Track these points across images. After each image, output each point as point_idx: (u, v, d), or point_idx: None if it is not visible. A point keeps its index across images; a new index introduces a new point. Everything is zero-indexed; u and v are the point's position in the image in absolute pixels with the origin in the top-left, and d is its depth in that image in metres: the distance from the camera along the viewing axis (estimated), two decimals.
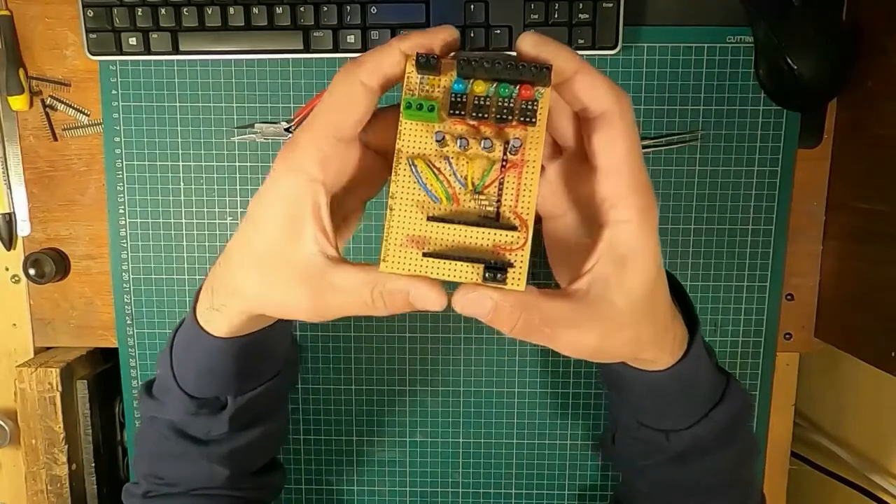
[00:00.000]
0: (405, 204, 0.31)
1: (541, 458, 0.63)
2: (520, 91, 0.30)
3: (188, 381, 0.41)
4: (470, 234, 0.31)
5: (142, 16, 0.55)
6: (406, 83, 0.31)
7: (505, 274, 0.31)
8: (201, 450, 0.43)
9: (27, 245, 0.63)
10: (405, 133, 0.31)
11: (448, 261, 0.31)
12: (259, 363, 0.42)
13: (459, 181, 0.31)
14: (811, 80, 0.53)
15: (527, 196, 0.31)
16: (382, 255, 0.31)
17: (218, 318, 0.37)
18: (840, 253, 0.59)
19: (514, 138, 0.30)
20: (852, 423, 0.67)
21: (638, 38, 0.57)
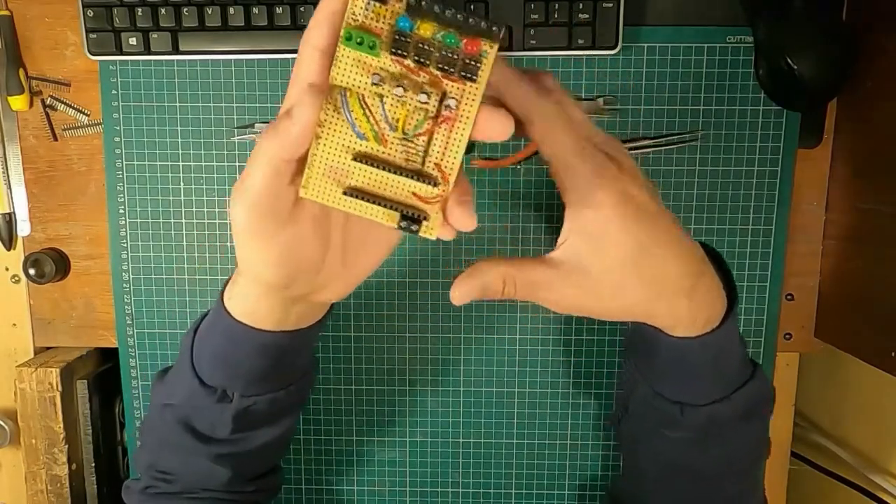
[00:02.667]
0: (332, 135, 0.31)
1: (541, 457, 0.63)
2: (466, 44, 0.29)
3: (202, 364, 0.42)
4: (392, 181, 0.32)
5: (142, 16, 0.55)
6: (350, 6, 0.29)
7: (419, 225, 0.32)
8: (203, 448, 0.43)
9: (27, 245, 0.63)
10: (341, 61, 0.30)
11: (366, 202, 0.32)
12: (272, 370, 0.42)
13: (389, 124, 0.31)
14: (811, 80, 0.53)
15: (453, 152, 0.31)
16: (304, 181, 0.32)
17: (236, 292, 0.39)
18: (840, 253, 0.59)
19: (451, 95, 0.30)
20: (852, 423, 0.67)
21: (638, 38, 0.57)
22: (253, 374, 0.41)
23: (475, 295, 0.37)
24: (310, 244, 0.35)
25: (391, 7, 0.29)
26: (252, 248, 0.34)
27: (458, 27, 0.29)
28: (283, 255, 0.34)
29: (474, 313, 0.61)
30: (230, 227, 0.35)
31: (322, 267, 0.36)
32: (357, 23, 0.29)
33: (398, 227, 0.32)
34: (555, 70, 0.58)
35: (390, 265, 0.61)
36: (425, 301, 0.61)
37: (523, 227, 0.60)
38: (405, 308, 0.62)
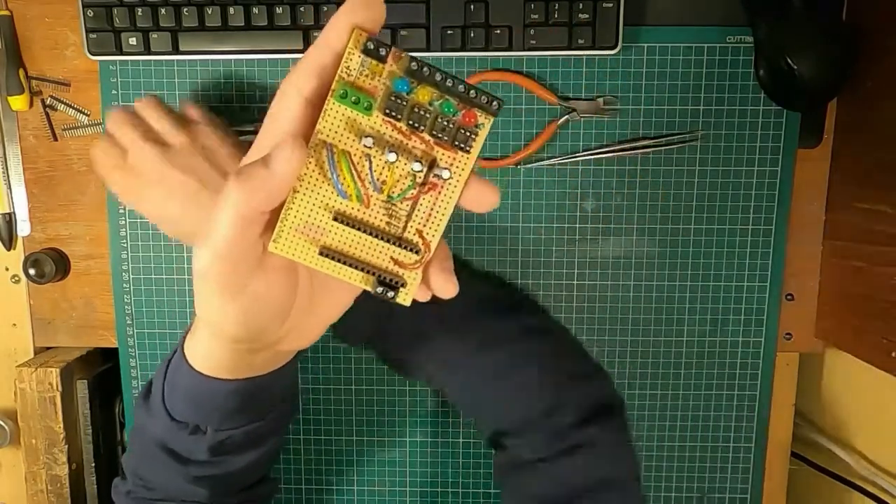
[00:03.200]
0: (312, 190, 0.29)
1: None
2: (464, 114, 0.28)
3: (174, 402, 0.40)
4: (370, 244, 0.30)
5: (142, 16, 0.55)
6: (344, 61, 0.28)
7: (396, 291, 0.31)
8: (181, 468, 0.42)
9: (27, 245, 0.63)
10: (330, 116, 0.28)
11: (341, 263, 0.30)
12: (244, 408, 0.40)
13: (375, 186, 0.29)
14: (811, 80, 0.53)
15: (438, 219, 0.30)
16: (275, 235, 0.30)
17: (196, 345, 0.37)
18: (840, 253, 0.59)
19: (442, 164, 0.29)
20: (852, 423, 0.66)
21: (638, 38, 0.57)
22: (225, 413, 0.40)
23: None
24: (277, 295, 0.32)
25: (389, 66, 0.28)
26: (215, 302, 0.32)
27: (458, 97, 0.28)
28: (249, 309, 0.32)
29: None
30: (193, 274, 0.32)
31: (288, 316, 0.34)
32: (351, 78, 0.28)
33: (374, 292, 0.31)
34: (555, 70, 0.58)
35: None
36: None
37: (523, 226, 0.60)
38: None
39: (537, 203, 0.60)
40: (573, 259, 0.60)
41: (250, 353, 0.36)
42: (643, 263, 0.60)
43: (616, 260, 0.60)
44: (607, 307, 0.61)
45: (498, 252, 0.60)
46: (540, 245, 0.60)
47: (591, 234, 0.60)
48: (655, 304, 0.61)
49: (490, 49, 0.55)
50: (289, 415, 0.46)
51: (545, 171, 0.59)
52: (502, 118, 0.58)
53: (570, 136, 0.59)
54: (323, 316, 0.36)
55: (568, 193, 0.60)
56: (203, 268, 0.30)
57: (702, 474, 0.63)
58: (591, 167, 0.59)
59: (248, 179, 0.28)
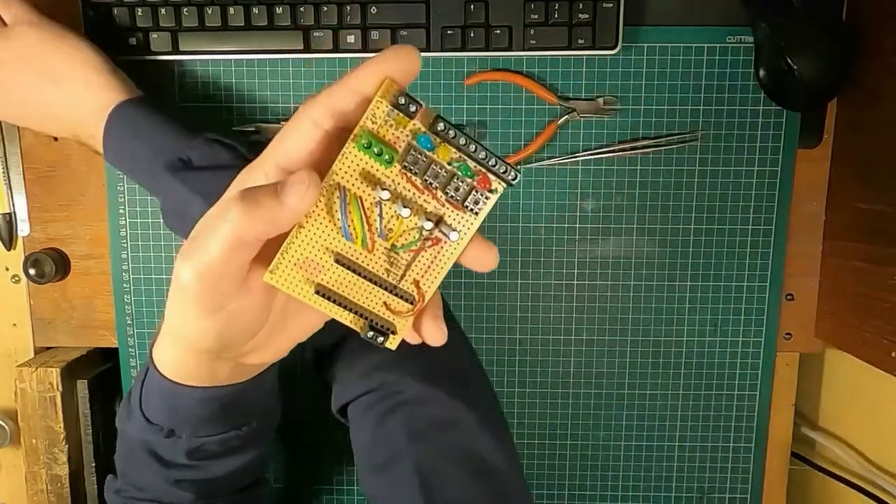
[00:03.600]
0: (317, 228, 0.29)
1: (541, 458, 0.63)
2: (480, 178, 0.29)
3: (149, 406, 0.40)
4: (366, 288, 0.31)
5: (142, 16, 0.55)
6: (372, 109, 0.28)
7: (386, 337, 0.32)
8: (163, 471, 0.41)
9: (27, 245, 0.63)
10: (348, 159, 0.29)
11: (334, 303, 0.31)
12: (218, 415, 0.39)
13: (381, 234, 0.30)
14: (811, 80, 0.53)
15: (436, 273, 0.31)
16: (272, 266, 0.30)
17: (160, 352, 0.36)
18: (840, 253, 0.59)
19: (449, 223, 0.30)
20: (852, 423, 0.66)
21: (638, 38, 0.57)
22: (198, 421, 0.39)
23: None
24: (253, 314, 0.32)
25: (415, 122, 0.28)
26: (190, 316, 0.31)
27: (477, 162, 0.29)
28: (223, 327, 0.31)
29: (474, 313, 0.61)
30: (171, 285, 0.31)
31: (257, 334, 0.34)
32: (375, 127, 0.28)
33: (364, 335, 0.31)
34: (555, 70, 0.58)
35: None
36: None
37: (523, 226, 0.60)
38: None
39: (537, 203, 0.60)
40: (573, 259, 0.60)
41: (211, 362, 0.35)
42: (643, 263, 0.60)
43: (616, 260, 0.60)
44: (607, 307, 0.61)
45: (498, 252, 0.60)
46: (540, 245, 0.60)
47: (591, 234, 0.60)
48: (655, 304, 0.61)
49: (490, 49, 0.55)
50: (267, 430, 0.45)
51: (545, 171, 0.59)
52: (502, 118, 0.58)
53: (570, 136, 0.59)
54: (292, 335, 0.35)
55: (568, 193, 0.60)
56: (185, 283, 0.29)
57: (702, 474, 0.63)
58: (591, 167, 0.59)
59: (254, 205, 0.27)
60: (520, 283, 0.61)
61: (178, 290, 0.30)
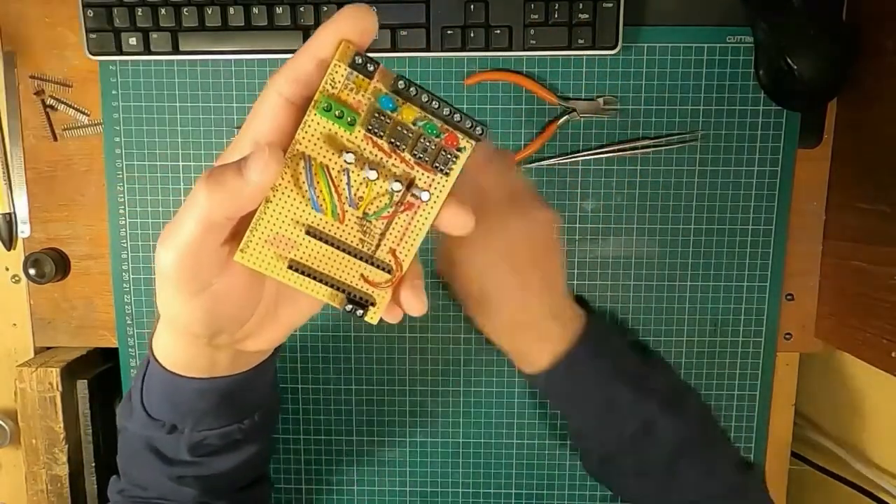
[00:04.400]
0: (285, 202, 0.28)
1: (541, 458, 0.63)
2: (447, 137, 0.28)
3: (151, 400, 0.40)
4: (341, 260, 0.30)
5: (142, 16, 0.55)
6: (329, 73, 0.27)
7: (365, 310, 0.31)
8: (166, 468, 0.41)
9: (27, 245, 0.63)
10: (311, 127, 0.28)
11: (310, 278, 0.30)
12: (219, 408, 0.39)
13: (351, 201, 0.29)
14: (811, 80, 0.53)
15: (411, 239, 0.30)
16: (242, 244, 0.29)
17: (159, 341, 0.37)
18: (840, 253, 0.59)
19: (420, 185, 0.29)
20: (852, 423, 0.66)
21: (638, 38, 0.57)
22: (199, 413, 0.39)
23: None
24: (240, 297, 0.32)
25: (375, 83, 0.28)
26: (175, 299, 0.30)
27: (442, 119, 0.28)
28: (210, 309, 0.31)
29: None
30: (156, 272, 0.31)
31: (251, 317, 0.33)
32: (335, 91, 0.27)
33: (343, 310, 0.30)
34: (555, 70, 0.58)
35: None
36: None
37: None
38: None
39: None
40: (573, 259, 0.60)
41: (211, 350, 0.35)
42: (643, 263, 0.60)
43: (616, 260, 0.60)
44: (607, 307, 0.61)
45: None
46: None
47: (591, 234, 0.60)
48: (655, 304, 0.61)
49: (490, 49, 0.55)
50: (267, 427, 0.45)
51: (545, 171, 0.59)
52: (502, 118, 0.58)
53: (570, 136, 0.59)
54: (286, 322, 0.35)
55: (568, 193, 0.60)
56: (164, 267, 0.29)
57: None
58: (591, 167, 0.59)
59: (218, 185, 0.27)
60: None
61: (160, 276, 0.30)
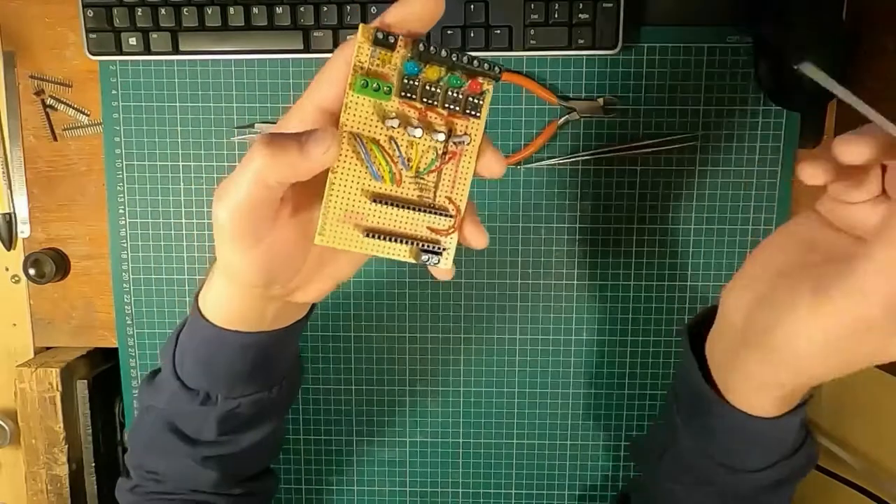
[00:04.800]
0: (347, 179, 0.32)
1: (541, 458, 0.63)
2: (470, 84, 0.31)
3: (185, 368, 0.41)
4: (408, 218, 0.33)
5: (142, 16, 0.55)
6: (356, 54, 0.30)
7: (439, 256, 0.33)
8: (190, 449, 0.42)
9: (27, 245, 0.63)
10: (351, 107, 0.31)
11: (386, 241, 0.33)
12: (255, 370, 0.41)
13: (404, 164, 0.32)
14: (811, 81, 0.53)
15: (461, 184, 0.33)
16: (319, 228, 0.32)
17: (211, 295, 0.38)
18: None
19: (458, 132, 0.32)
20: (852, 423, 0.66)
21: (638, 38, 0.57)
22: (235, 376, 0.40)
23: None
24: (292, 246, 0.34)
25: (398, 53, 0.30)
26: (233, 250, 0.33)
27: (462, 69, 0.31)
28: (265, 258, 0.33)
29: (474, 313, 0.62)
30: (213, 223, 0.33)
31: (302, 268, 0.35)
32: (364, 69, 0.30)
33: (419, 262, 0.33)
34: (555, 70, 0.58)
35: (390, 265, 0.61)
36: (425, 301, 0.61)
37: (523, 226, 0.60)
38: (405, 308, 0.62)
39: (537, 203, 0.60)
40: (573, 259, 0.60)
41: (263, 301, 0.37)
42: (643, 263, 0.60)
43: (616, 260, 0.60)
44: (607, 307, 0.61)
45: (498, 252, 0.60)
46: (540, 245, 0.60)
47: (591, 234, 0.60)
48: (656, 304, 0.61)
49: (490, 49, 0.55)
50: (288, 400, 0.47)
51: (545, 171, 0.59)
52: (502, 118, 0.58)
53: (570, 136, 0.59)
54: (334, 273, 0.37)
55: (568, 193, 0.60)
56: (220, 222, 0.31)
57: None
58: (591, 167, 0.59)
59: (278, 152, 0.29)
60: (519, 283, 0.61)
61: (217, 229, 0.32)
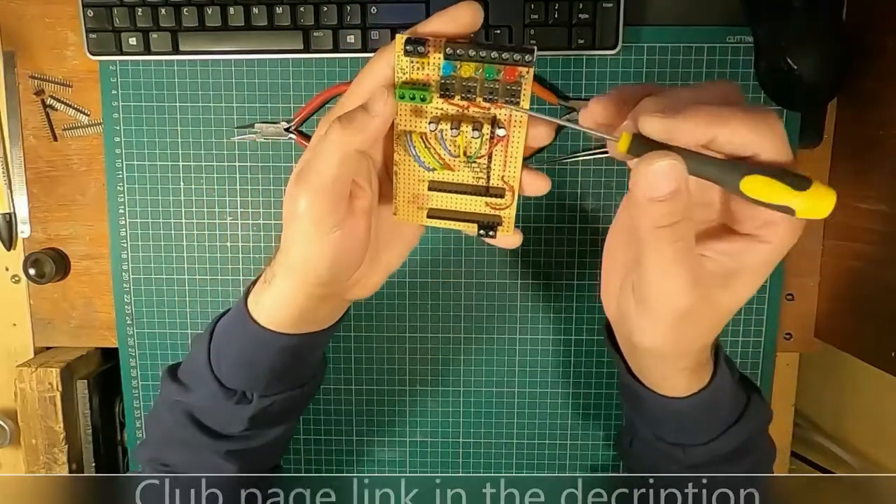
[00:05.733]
0: (407, 170, 0.36)
1: (541, 458, 0.63)
2: (504, 73, 0.33)
3: (222, 368, 0.42)
4: (465, 199, 0.37)
5: (142, 16, 0.55)
6: (396, 64, 0.33)
7: (495, 230, 0.37)
8: (213, 444, 0.43)
9: (27, 245, 0.63)
10: (400, 112, 0.34)
11: (448, 220, 0.37)
12: (291, 369, 0.43)
13: (450, 153, 0.35)
14: (811, 80, 0.53)
15: (513, 165, 0.35)
16: (395, 208, 0.38)
17: (266, 295, 0.39)
18: (840, 253, 0.59)
19: (504, 120, 0.34)
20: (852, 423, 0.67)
21: (638, 38, 0.57)
22: (273, 375, 0.42)
23: None
24: (359, 239, 0.37)
25: (431, 58, 0.33)
26: (311, 238, 0.35)
27: (494, 61, 0.32)
28: (335, 252, 0.35)
29: (474, 313, 0.61)
30: (285, 220, 0.35)
31: (362, 262, 0.38)
32: (406, 76, 0.33)
33: (478, 235, 0.37)
34: (555, 70, 0.58)
35: None
36: (425, 301, 0.61)
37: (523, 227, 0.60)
38: (405, 308, 0.62)
39: (537, 203, 0.60)
40: (573, 259, 0.60)
41: (321, 302, 0.39)
42: None
43: None
44: None
45: (498, 252, 0.60)
46: (540, 245, 0.60)
47: (591, 234, 0.60)
48: None
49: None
50: (315, 390, 0.49)
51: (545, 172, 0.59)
52: None
53: (570, 136, 0.59)
54: (385, 265, 0.40)
55: (568, 193, 0.60)
56: (303, 206, 0.33)
57: None
58: (591, 167, 0.59)
59: (349, 121, 0.32)
60: (519, 283, 0.61)
61: (295, 219, 0.34)
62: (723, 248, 0.33)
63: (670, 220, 0.30)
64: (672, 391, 0.40)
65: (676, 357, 0.37)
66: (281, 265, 0.38)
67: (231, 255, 0.61)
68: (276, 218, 0.61)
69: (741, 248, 0.33)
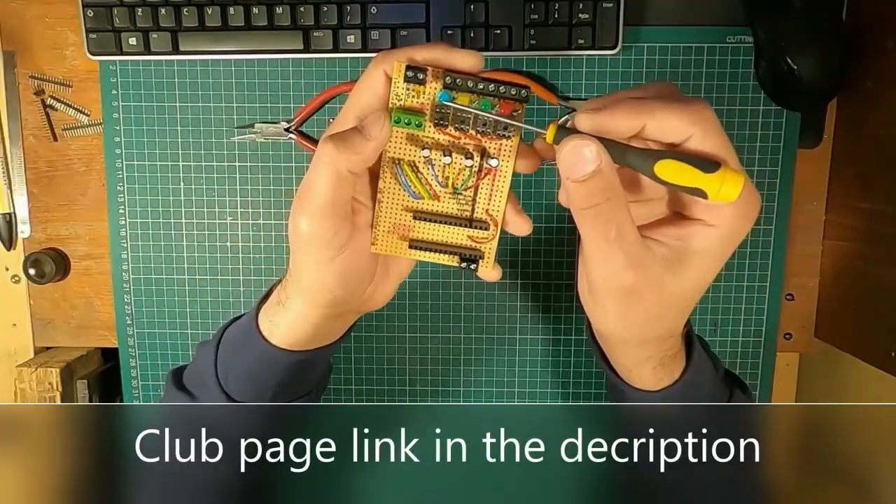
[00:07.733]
0: (392, 198, 0.36)
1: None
2: (500, 107, 0.33)
3: (229, 382, 0.42)
4: (448, 230, 0.37)
5: (142, 16, 0.55)
6: (393, 88, 0.34)
7: (477, 264, 0.37)
8: None
9: (27, 245, 0.63)
10: (391, 138, 0.34)
11: (429, 251, 0.37)
12: (297, 381, 0.43)
13: (439, 183, 0.35)
14: (811, 80, 0.53)
15: (498, 198, 0.36)
16: (372, 238, 0.37)
17: (280, 316, 0.39)
18: (840, 253, 0.59)
19: (491, 153, 0.35)
20: None
21: (638, 38, 0.57)
22: (281, 388, 0.42)
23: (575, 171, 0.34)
24: (368, 254, 0.37)
25: (429, 86, 0.33)
26: (318, 263, 0.35)
27: (490, 95, 0.33)
28: (346, 272, 0.36)
29: (474, 313, 0.61)
30: (292, 244, 0.35)
31: (374, 277, 0.38)
32: (400, 102, 0.34)
33: (459, 268, 0.37)
34: (555, 70, 0.58)
35: None
36: (425, 301, 0.61)
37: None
38: (405, 308, 0.62)
39: (537, 203, 0.60)
40: (573, 259, 0.60)
41: (334, 320, 0.39)
42: None
43: None
44: None
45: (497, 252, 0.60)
46: (540, 245, 0.60)
47: None
48: None
49: (490, 49, 0.55)
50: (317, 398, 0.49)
51: (545, 172, 0.59)
52: None
53: None
54: (396, 273, 0.40)
55: None
56: (304, 230, 0.34)
57: None
58: None
59: (343, 142, 0.32)
60: (519, 283, 0.61)
61: (300, 243, 0.35)
62: (672, 232, 0.34)
63: (594, 202, 0.32)
64: (640, 383, 0.40)
65: (637, 345, 0.38)
66: (294, 288, 0.38)
67: (231, 255, 0.61)
68: (276, 218, 0.61)
69: (689, 232, 0.34)
